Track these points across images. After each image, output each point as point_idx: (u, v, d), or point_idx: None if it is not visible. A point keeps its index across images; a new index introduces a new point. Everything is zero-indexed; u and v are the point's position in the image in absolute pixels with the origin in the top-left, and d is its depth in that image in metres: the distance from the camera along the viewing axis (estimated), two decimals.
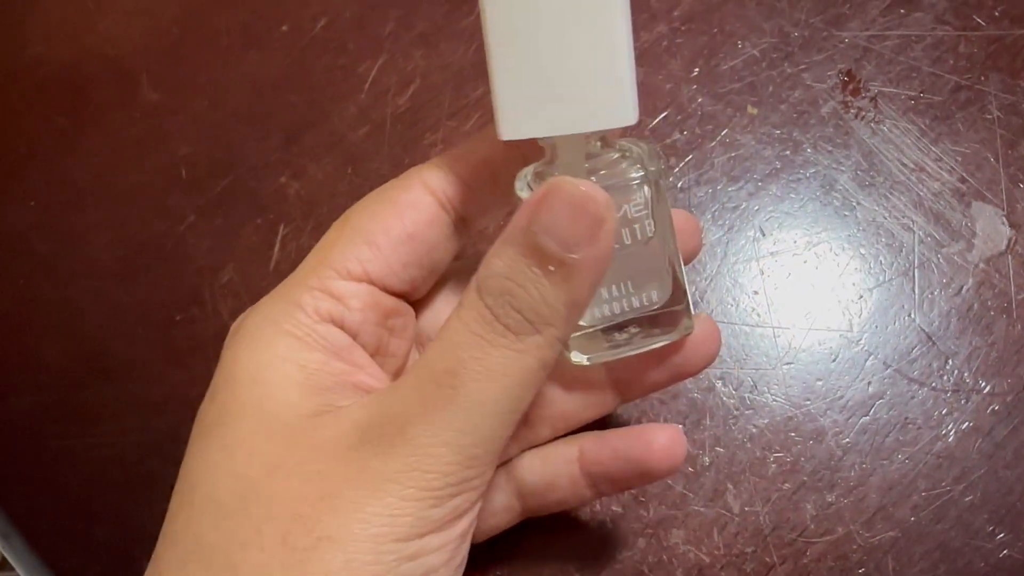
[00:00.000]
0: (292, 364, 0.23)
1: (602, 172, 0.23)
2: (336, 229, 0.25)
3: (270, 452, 0.22)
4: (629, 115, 0.22)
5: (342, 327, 0.25)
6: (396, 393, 0.22)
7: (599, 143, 0.23)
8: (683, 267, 0.25)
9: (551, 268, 0.21)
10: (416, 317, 0.27)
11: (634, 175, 0.23)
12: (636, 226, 0.23)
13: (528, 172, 0.23)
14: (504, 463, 0.27)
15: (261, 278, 0.35)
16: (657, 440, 0.25)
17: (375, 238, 0.25)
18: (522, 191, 0.23)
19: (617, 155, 0.24)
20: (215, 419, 0.23)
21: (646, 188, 0.23)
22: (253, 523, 0.21)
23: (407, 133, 0.37)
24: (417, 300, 0.27)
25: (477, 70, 0.37)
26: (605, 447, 0.26)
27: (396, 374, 0.26)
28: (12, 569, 0.35)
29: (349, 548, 0.21)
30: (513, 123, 0.22)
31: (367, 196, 0.25)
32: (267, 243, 0.36)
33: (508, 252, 0.21)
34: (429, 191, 0.25)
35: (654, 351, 0.25)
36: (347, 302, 0.24)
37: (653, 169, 0.23)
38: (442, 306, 0.28)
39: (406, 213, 0.25)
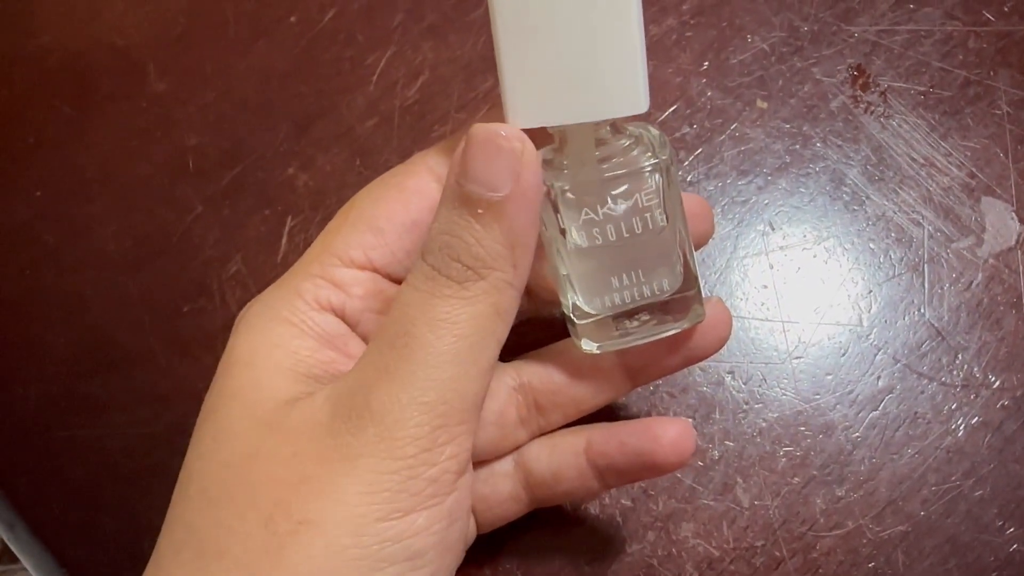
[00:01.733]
0: (283, 351, 0.23)
1: (613, 160, 0.23)
2: (341, 216, 0.25)
3: (250, 438, 0.22)
4: (640, 103, 0.22)
5: (342, 316, 0.25)
6: (359, 366, 0.22)
7: (609, 129, 0.23)
8: (694, 254, 0.25)
9: (480, 211, 0.21)
10: None
11: (646, 163, 0.23)
12: (647, 215, 0.23)
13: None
14: (512, 451, 0.27)
15: (269, 269, 0.35)
16: (665, 434, 0.25)
17: (380, 224, 0.24)
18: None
19: (628, 142, 0.23)
20: (211, 406, 0.23)
21: (657, 175, 0.23)
22: (237, 510, 0.21)
23: (416, 125, 0.36)
24: None
25: (486, 62, 0.37)
26: (612, 439, 0.26)
27: None
28: (18, 560, 0.35)
29: (329, 531, 0.20)
30: (524, 112, 0.22)
31: (372, 182, 0.25)
32: (275, 234, 0.35)
33: (442, 210, 0.22)
34: (435, 177, 0.24)
35: (665, 338, 0.25)
36: (349, 290, 0.24)
37: (665, 157, 0.23)
38: None
39: (412, 199, 0.24)
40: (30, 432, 0.35)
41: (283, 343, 0.24)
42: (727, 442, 0.31)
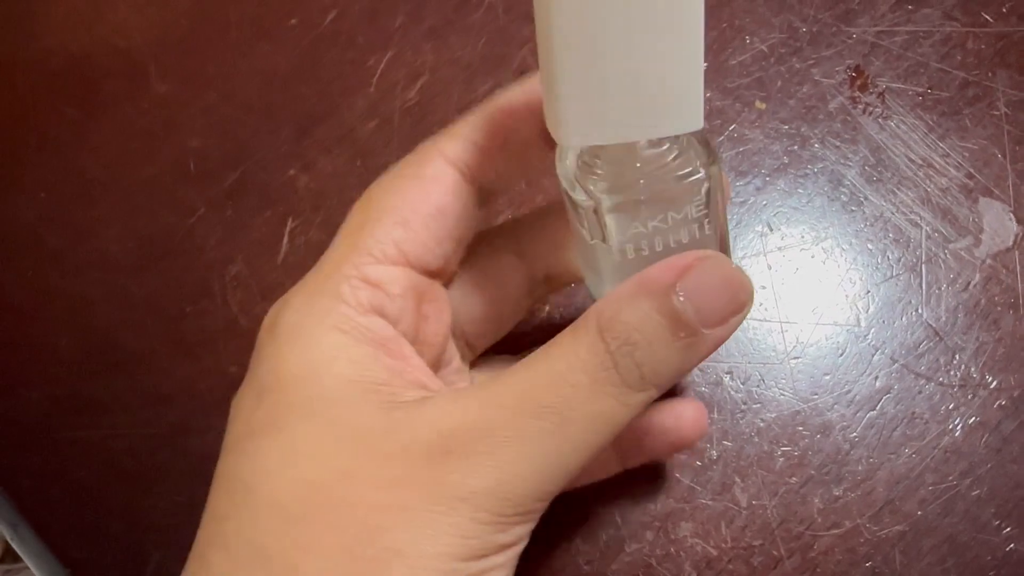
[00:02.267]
0: (343, 362, 0.22)
1: (659, 170, 0.22)
2: (361, 211, 0.24)
3: (339, 457, 0.21)
4: (697, 121, 0.21)
5: (384, 316, 0.23)
6: (486, 410, 0.21)
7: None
8: (730, 245, 0.24)
9: (682, 334, 0.20)
10: None
11: (695, 176, 0.21)
12: (695, 225, 0.22)
13: (569, 158, 0.22)
14: None
15: (270, 271, 0.35)
16: (686, 413, 0.28)
17: (405, 216, 0.23)
18: (566, 178, 0.22)
19: (673, 151, 0.22)
20: (267, 421, 0.22)
21: (706, 185, 0.22)
22: (317, 530, 0.20)
23: (416, 127, 0.37)
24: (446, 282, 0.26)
25: (486, 64, 0.37)
26: (639, 419, 0.25)
27: (433, 364, 0.25)
28: (21, 560, 0.35)
29: (414, 563, 0.20)
30: (578, 129, 0.20)
31: (385, 175, 0.24)
32: (276, 236, 0.36)
33: (645, 306, 0.20)
34: (450, 163, 0.24)
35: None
36: (386, 288, 0.23)
37: (715, 169, 0.22)
38: (468, 286, 0.27)
39: (431, 187, 0.24)
40: (34, 433, 0.35)
41: (341, 354, 0.22)
42: (725, 442, 0.31)
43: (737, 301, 0.21)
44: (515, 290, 0.28)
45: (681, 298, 0.20)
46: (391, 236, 0.23)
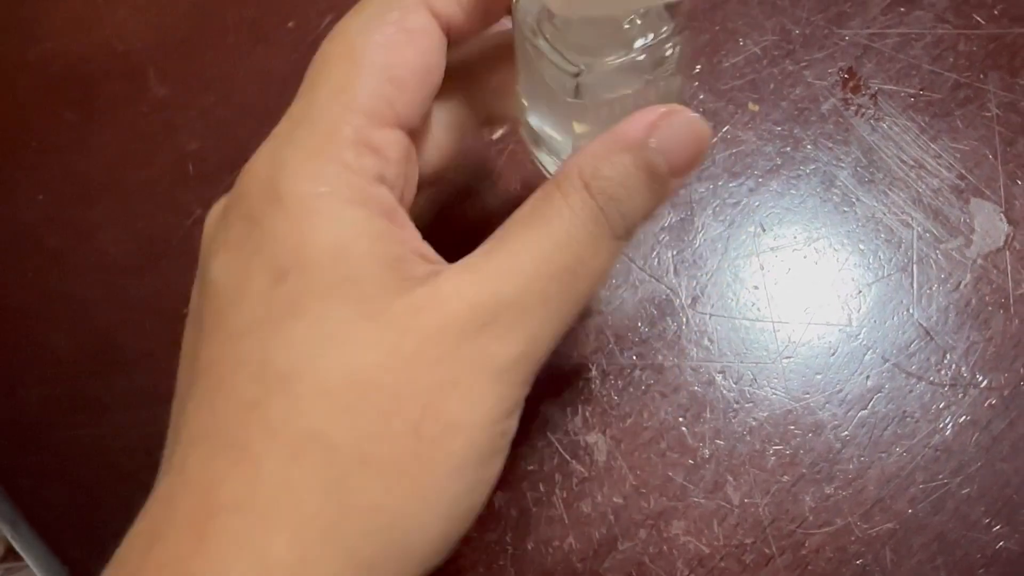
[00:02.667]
0: (367, 239, 0.21)
1: (635, 38, 0.22)
2: (345, 60, 0.22)
3: (379, 341, 0.21)
4: None
5: (384, 184, 0.23)
6: (510, 280, 0.21)
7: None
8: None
9: (654, 183, 0.22)
10: None
11: (667, 44, 0.23)
12: (662, 83, 0.23)
13: (530, 11, 0.23)
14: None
15: None
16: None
17: (398, 74, 0.22)
18: (527, 32, 0.23)
19: (650, 18, 0.23)
20: (292, 303, 0.21)
21: (677, 50, 0.23)
22: (381, 415, 0.21)
23: None
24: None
25: None
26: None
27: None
28: (21, 559, 0.35)
29: (471, 433, 0.21)
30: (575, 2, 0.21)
31: (360, 17, 0.23)
32: None
33: (624, 160, 0.22)
34: (434, 14, 0.23)
35: None
36: (386, 154, 0.22)
37: (686, 34, 0.23)
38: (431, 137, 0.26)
39: (420, 42, 0.23)
40: (34, 432, 0.35)
41: (363, 231, 0.21)
42: (718, 441, 0.32)
43: (701, 150, 0.22)
44: (470, 136, 0.27)
45: (655, 151, 0.21)
46: (384, 95, 0.22)
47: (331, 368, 0.21)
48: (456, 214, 0.35)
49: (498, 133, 0.36)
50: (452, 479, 0.21)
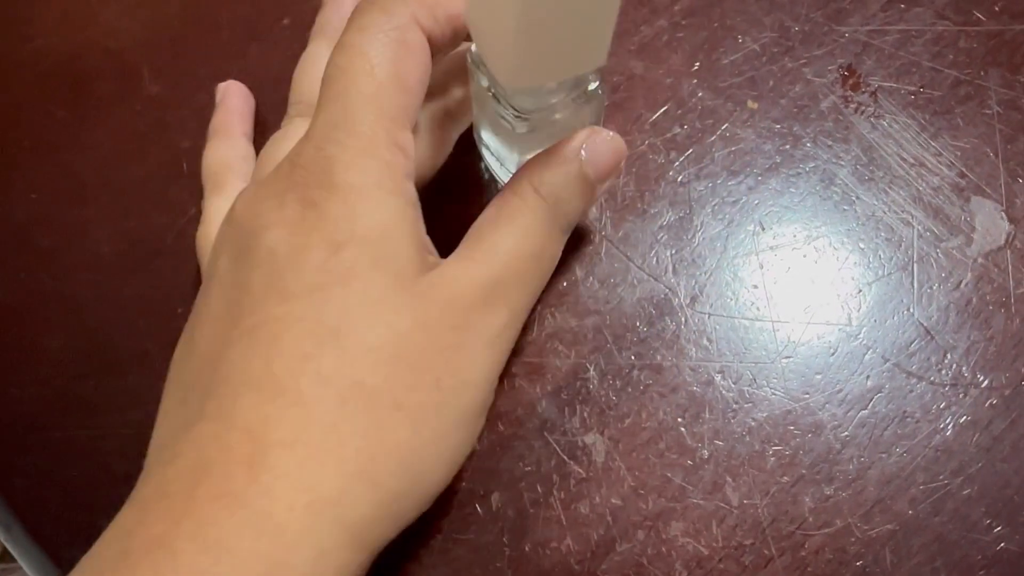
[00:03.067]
0: (405, 223, 0.26)
1: (567, 91, 0.28)
2: (368, 73, 0.26)
3: (410, 308, 0.25)
4: (604, 59, 0.27)
5: (408, 179, 0.27)
6: (497, 263, 0.27)
7: None
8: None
9: (587, 190, 0.28)
10: None
11: (593, 93, 0.28)
12: (587, 106, 0.29)
13: (480, 62, 0.27)
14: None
15: None
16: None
17: (408, 84, 0.26)
18: (476, 75, 0.28)
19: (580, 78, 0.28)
20: (344, 272, 0.25)
21: (598, 99, 0.29)
22: (412, 369, 0.25)
23: None
24: None
25: None
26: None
27: None
28: (14, 560, 0.35)
29: (476, 388, 0.26)
30: (523, 77, 0.26)
31: (367, 32, 0.26)
32: None
33: (564, 170, 0.28)
34: (425, 31, 0.27)
35: None
36: (407, 153, 0.27)
37: (602, 84, 0.28)
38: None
39: (417, 54, 0.27)
40: (27, 433, 0.35)
41: (402, 217, 0.26)
42: (716, 441, 0.31)
43: (619, 161, 0.29)
44: (439, 138, 0.32)
45: (586, 162, 0.28)
46: (401, 102, 0.26)
47: (375, 328, 0.25)
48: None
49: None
50: (460, 426, 0.26)
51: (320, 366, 0.24)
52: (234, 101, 0.36)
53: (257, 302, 0.25)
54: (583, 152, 0.28)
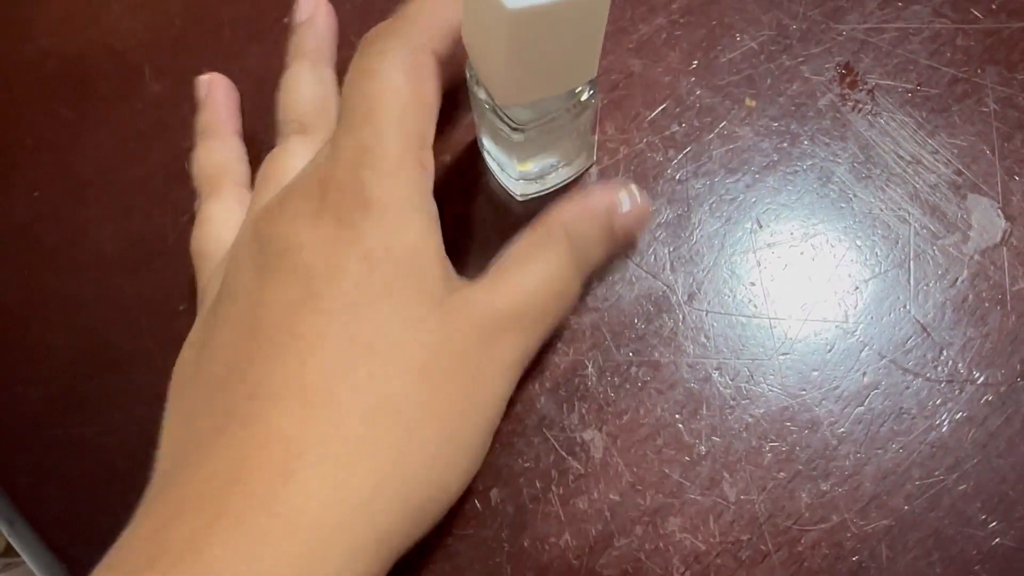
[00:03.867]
0: (433, 241, 0.28)
1: (562, 104, 0.29)
2: (394, 97, 0.28)
3: (444, 326, 0.27)
4: (594, 73, 0.28)
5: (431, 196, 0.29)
6: (523, 297, 0.28)
7: None
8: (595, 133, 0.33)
9: (610, 243, 0.30)
10: None
11: (586, 104, 0.29)
12: (582, 115, 0.30)
13: (478, 80, 0.29)
14: None
15: None
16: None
17: (427, 105, 0.28)
18: (475, 92, 0.29)
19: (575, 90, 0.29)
20: (381, 289, 0.26)
21: (592, 109, 0.30)
22: (442, 385, 0.26)
23: None
24: None
25: None
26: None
27: None
28: (18, 556, 0.35)
29: (494, 407, 0.29)
30: (515, 95, 0.27)
31: (387, 58, 0.28)
32: None
33: (594, 223, 0.29)
34: (440, 61, 0.29)
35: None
36: (430, 170, 0.29)
37: (596, 95, 0.29)
38: None
39: (432, 78, 0.29)
40: (30, 431, 0.35)
41: (430, 235, 0.28)
42: (714, 437, 0.32)
43: (644, 221, 0.31)
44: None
45: (616, 219, 0.29)
46: (421, 123, 0.28)
47: (408, 344, 0.26)
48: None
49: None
50: (480, 440, 0.28)
51: (355, 378, 0.25)
52: (220, 97, 0.36)
53: (289, 316, 0.26)
54: (618, 208, 0.29)
